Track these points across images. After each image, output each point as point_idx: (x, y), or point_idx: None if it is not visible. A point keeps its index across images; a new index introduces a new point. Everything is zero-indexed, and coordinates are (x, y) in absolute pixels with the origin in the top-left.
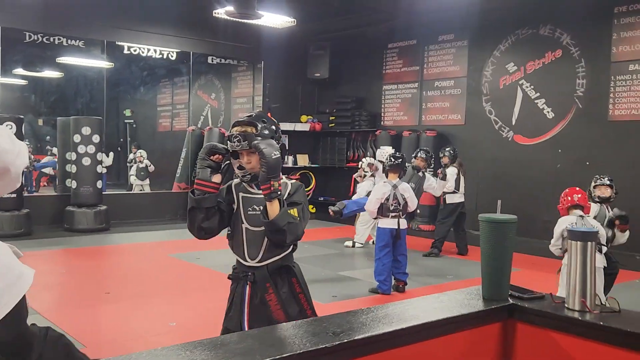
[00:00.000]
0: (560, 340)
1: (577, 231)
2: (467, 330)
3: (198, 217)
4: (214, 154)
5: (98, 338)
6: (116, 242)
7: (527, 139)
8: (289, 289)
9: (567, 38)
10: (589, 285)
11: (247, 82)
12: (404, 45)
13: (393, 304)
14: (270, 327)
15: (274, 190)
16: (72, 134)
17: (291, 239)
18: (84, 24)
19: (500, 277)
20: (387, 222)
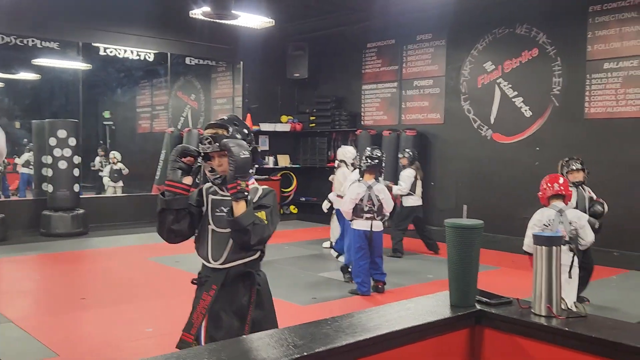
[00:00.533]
0: (527, 346)
1: (542, 236)
2: (434, 338)
3: (168, 219)
4: (186, 156)
5: (72, 346)
6: (94, 246)
7: (505, 138)
8: (249, 298)
9: (543, 37)
10: (554, 290)
11: (227, 82)
12: (382, 44)
13: (358, 312)
14: (230, 340)
15: (240, 190)
16: (48, 137)
17: (256, 241)
18: (59, 25)
19: (467, 283)
20: (360, 223)
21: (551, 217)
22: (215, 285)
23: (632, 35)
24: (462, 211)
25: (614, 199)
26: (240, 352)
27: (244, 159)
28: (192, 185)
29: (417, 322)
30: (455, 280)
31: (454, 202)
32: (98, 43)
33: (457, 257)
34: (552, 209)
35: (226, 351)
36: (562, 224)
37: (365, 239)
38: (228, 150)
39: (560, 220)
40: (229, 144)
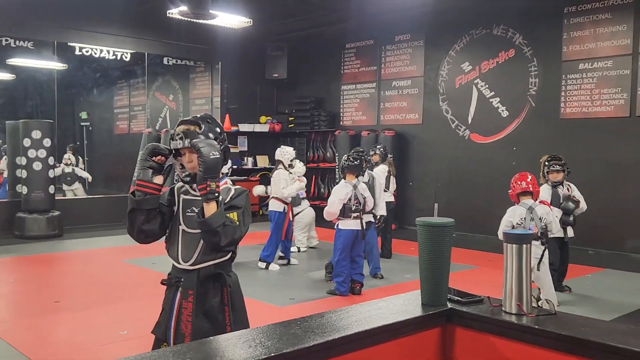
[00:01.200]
0: (498, 344)
1: (512, 234)
2: (405, 337)
3: (138, 219)
4: (156, 155)
5: (44, 350)
6: (69, 249)
7: (483, 138)
8: (220, 299)
9: (519, 38)
10: (525, 288)
11: (206, 83)
12: (361, 45)
13: (329, 312)
14: (198, 341)
15: (210, 191)
16: (22, 138)
17: (226, 242)
18: (33, 24)
19: (439, 282)
20: (348, 223)
21: (522, 215)
22: (192, 291)
23: (606, 37)
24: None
25: (589, 198)
26: (206, 353)
27: (214, 159)
28: (163, 185)
29: (387, 321)
30: (426, 279)
31: (432, 201)
32: (73, 42)
33: (428, 256)
34: (522, 207)
35: (192, 353)
36: (532, 220)
37: (354, 238)
38: (197, 150)
39: (531, 217)
40: (199, 144)
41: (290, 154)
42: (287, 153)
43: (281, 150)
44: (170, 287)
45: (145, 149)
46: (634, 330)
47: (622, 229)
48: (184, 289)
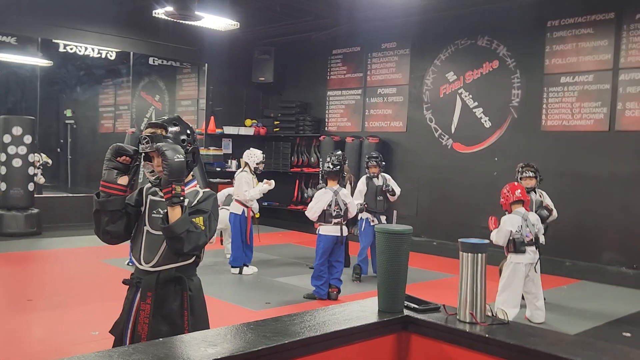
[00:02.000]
0: (452, 352)
1: (467, 243)
2: (360, 343)
3: (102, 220)
4: (121, 155)
5: (13, 349)
6: (47, 247)
7: (465, 147)
8: (180, 303)
9: (503, 49)
10: (479, 297)
11: (192, 84)
12: (348, 51)
13: (284, 317)
14: (144, 343)
15: (175, 195)
16: (2, 134)
17: (189, 249)
18: (17, 20)
19: (395, 289)
20: (329, 229)
21: (519, 222)
22: (150, 293)
23: (587, 51)
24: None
25: (567, 209)
26: (152, 354)
27: (178, 162)
28: (128, 185)
29: (340, 327)
30: (383, 285)
31: (414, 209)
32: (58, 39)
33: (386, 263)
34: (516, 214)
35: (138, 354)
36: (527, 227)
37: (333, 244)
38: (161, 154)
39: (526, 224)
40: (162, 148)
41: (258, 157)
42: (254, 156)
43: (249, 152)
44: (131, 287)
45: (110, 149)
46: (581, 342)
47: (598, 241)
48: (143, 290)
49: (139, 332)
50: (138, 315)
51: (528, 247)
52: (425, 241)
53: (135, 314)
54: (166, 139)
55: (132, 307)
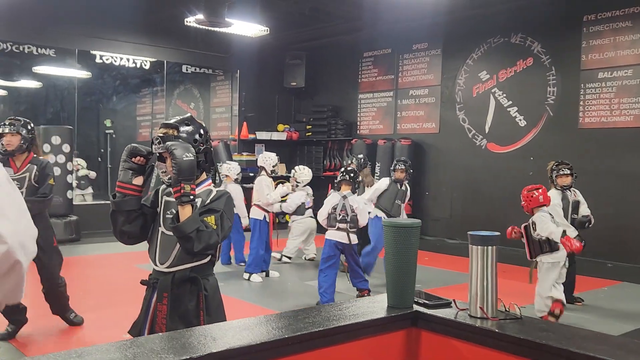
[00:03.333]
0: (462, 348)
1: (476, 235)
2: (369, 338)
3: (119, 220)
4: (136, 156)
5: (51, 348)
6: (85, 253)
7: (500, 147)
8: (196, 304)
9: (537, 46)
10: (489, 291)
11: (226, 91)
12: (379, 54)
13: (287, 313)
14: (145, 337)
15: (184, 194)
16: (42, 143)
17: (200, 248)
18: (55, 32)
19: (404, 284)
20: (333, 234)
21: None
22: (166, 293)
23: (626, 45)
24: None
25: (607, 209)
26: (149, 348)
27: (187, 161)
28: (143, 186)
29: (346, 322)
30: (392, 281)
31: (448, 212)
32: (95, 50)
33: (394, 258)
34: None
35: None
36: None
37: (336, 250)
38: (170, 153)
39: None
40: (171, 147)
41: (273, 159)
42: (269, 159)
43: (264, 156)
44: (148, 287)
45: (125, 150)
46: (595, 336)
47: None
48: (159, 291)
49: (157, 332)
50: (155, 316)
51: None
52: (459, 244)
53: (153, 315)
54: (178, 139)
55: (150, 308)
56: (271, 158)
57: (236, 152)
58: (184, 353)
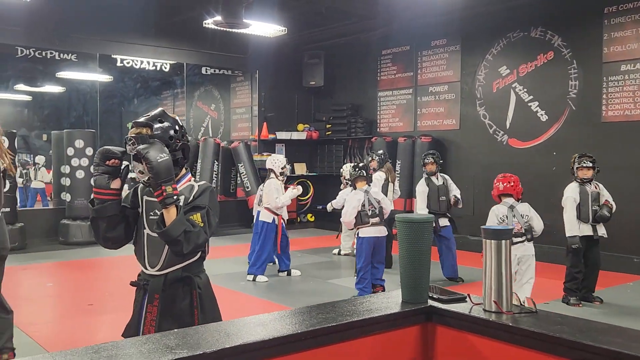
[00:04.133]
0: (477, 343)
1: (489, 229)
2: (383, 333)
3: (100, 227)
4: (110, 159)
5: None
6: (108, 255)
7: (521, 143)
8: (189, 302)
9: (558, 40)
10: (504, 285)
11: (246, 92)
12: (397, 51)
13: (302, 309)
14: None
15: (167, 196)
16: (66, 147)
17: (190, 249)
18: (77, 37)
19: (418, 279)
20: (368, 230)
21: (504, 212)
22: (158, 295)
23: None
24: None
25: (632, 204)
26: (162, 344)
27: (163, 161)
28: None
29: (360, 317)
30: (406, 276)
31: (471, 209)
32: (115, 54)
33: (408, 253)
34: (503, 205)
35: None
36: (515, 217)
37: (374, 245)
38: (143, 157)
39: (513, 215)
40: (142, 151)
41: (281, 161)
42: (278, 161)
43: (272, 158)
44: (138, 289)
45: (98, 153)
46: (611, 329)
47: None
48: (150, 292)
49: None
50: (145, 319)
51: (515, 239)
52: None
53: (144, 317)
54: (152, 137)
55: (142, 310)
56: (280, 160)
57: (256, 153)
58: (197, 348)
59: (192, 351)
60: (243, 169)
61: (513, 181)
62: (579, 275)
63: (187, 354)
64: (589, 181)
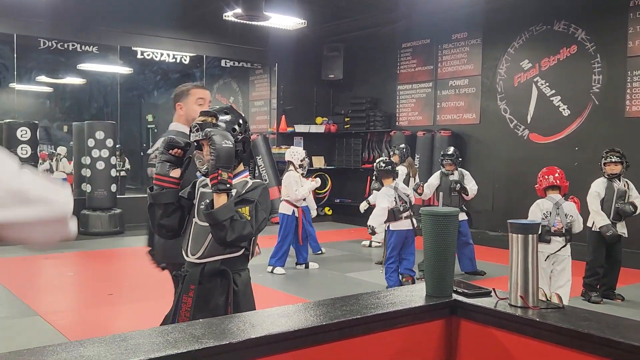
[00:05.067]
0: (502, 337)
1: (517, 224)
2: (404, 327)
3: (157, 213)
4: (173, 148)
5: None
6: (128, 245)
7: (542, 137)
8: (225, 299)
9: (582, 33)
10: (530, 280)
11: (264, 84)
12: (417, 44)
13: (325, 301)
14: (174, 325)
15: (221, 181)
16: (87, 138)
17: (234, 238)
18: (98, 30)
19: (443, 273)
20: (400, 224)
21: (548, 208)
22: (193, 285)
23: None
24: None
25: None
26: (188, 334)
27: (226, 148)
28: (181, 178)
29: (383, 310)
30: (430, 269)
31: (490, 204)
32: (136, 47)
33: (433, 246)
34: (549, 200)
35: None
36: (558, 215)
37: (405, 238)
38: (209, 139)
39: (557, 213)
40: (210, 133)
41: (301, 154)
42: (297, 153)
43: (291, 150)
44: (179, 280)
45: (163, 142)
46: None
47: None
48: (186, 282)
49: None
50: (180, 309)
51: (554, 238)
52: (502, 236)
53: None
54: (216, 127)
55: (179, 301)
56: (299, 152)
57: (275, 145)
58: (223, 338)
59: (218, 341)
60: (261, 161)
61: (559, 173)
62: (600, 270)
63: (214, 344)
64: (617, 177)
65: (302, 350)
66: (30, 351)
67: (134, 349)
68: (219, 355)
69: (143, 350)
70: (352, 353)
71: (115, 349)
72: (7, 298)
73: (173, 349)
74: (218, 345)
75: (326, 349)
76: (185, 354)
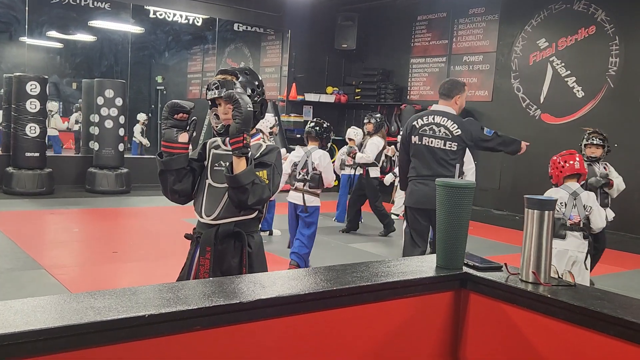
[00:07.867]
0: (511, 312)
1: (533, 199)
2: (414, 297)
3: (169, 179)
4: (178, 112)
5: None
6: (134, 205)
7: (554, 118)
8: (239, 260)
9: (602, 14)
10: (543, 257)
11: (276, 51)
12: (433, 17)
13: (336, 266)
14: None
15: (245, 145)
16: (96, 96)
17: (254, 201)
18: None
19: (455, 245)
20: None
21: (564, 199)
22: (209, 247)
23: None
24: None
25: None
26: (199, 292)
27: (250, 111)
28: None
29: (393, 279)
30: (442, 241)
31: (497, 182)
32: (148, 5)
33: (446, 218)
34: (564, 190)
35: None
36: (575, 207)
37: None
38: (235, 102)
39: (574, 204)
40: (236, 95)
41: (270, 121)
42: (266, 121)
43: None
44: (192, 242)
45: (166, 107)
46: None
47: None
48: (202, 245)
49: None
50: (198, 271)
51: (570, 232)
52: (507, 215)
53: (196, 270)
54: (235, 86)
55: (193, 262)
56: (268, 120)
57: (284, 113)
58: (234, 297)
59: (228, 300)
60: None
61: (579, 158)
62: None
63: (224, 302)
64: (597, 160)
65: (311, 314)
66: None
67: (144, 303)
68: (229, 314)
69: (153, 304)
70: (360, 320)
71: (125, 302)
72: (12, 251)
73: (184, 305)
74: (228, 304)
75: (335, 314)
76: (196, 310)
